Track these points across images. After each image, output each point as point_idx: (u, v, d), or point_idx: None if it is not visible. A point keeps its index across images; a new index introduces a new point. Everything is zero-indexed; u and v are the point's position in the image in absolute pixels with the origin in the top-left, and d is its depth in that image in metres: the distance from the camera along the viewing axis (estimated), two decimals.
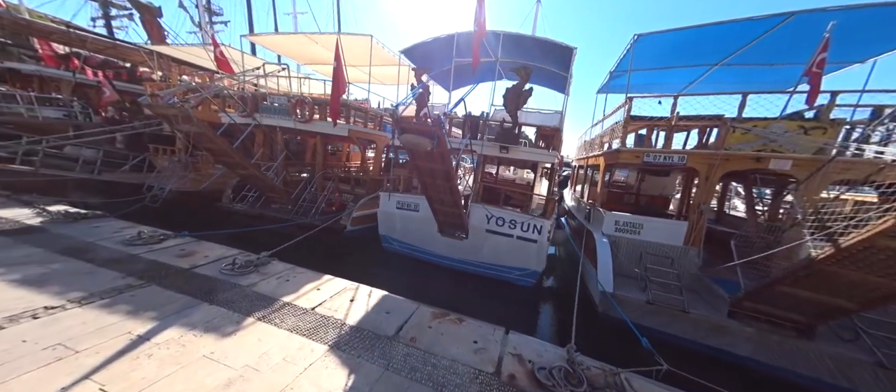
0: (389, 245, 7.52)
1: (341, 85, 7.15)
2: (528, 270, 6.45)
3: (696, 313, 4.15)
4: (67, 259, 3.38)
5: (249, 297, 3.02)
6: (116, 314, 2.55)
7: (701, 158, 5.01)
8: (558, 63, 6.96)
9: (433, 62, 7.51)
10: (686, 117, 5.19)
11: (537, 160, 6.26)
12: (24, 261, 3.21)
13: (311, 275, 3.67)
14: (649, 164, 5.73)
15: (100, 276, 3.12)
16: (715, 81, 7.82)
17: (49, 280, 2.92)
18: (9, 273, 2.94)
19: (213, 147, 6.49)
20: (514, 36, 6.21)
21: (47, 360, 1.98)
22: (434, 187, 5.61)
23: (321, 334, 2.53)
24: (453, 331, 2.74)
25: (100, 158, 8.88)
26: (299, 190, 8.12)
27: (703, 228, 5.15)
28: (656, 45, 6.13)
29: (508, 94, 5.73)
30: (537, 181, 12.40)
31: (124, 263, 3.46)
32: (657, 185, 9.67)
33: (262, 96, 8.61)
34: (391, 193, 7.16)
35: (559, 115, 6.51)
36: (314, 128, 8.16)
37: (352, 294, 3.31)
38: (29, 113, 11.49)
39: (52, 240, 3.82)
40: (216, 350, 2.24)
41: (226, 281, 3.30)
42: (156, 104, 5.79)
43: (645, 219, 5.97)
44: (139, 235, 4.18)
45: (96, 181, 8.06)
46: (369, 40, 7.96)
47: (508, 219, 6.18)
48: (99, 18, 21.39)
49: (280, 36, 9.41)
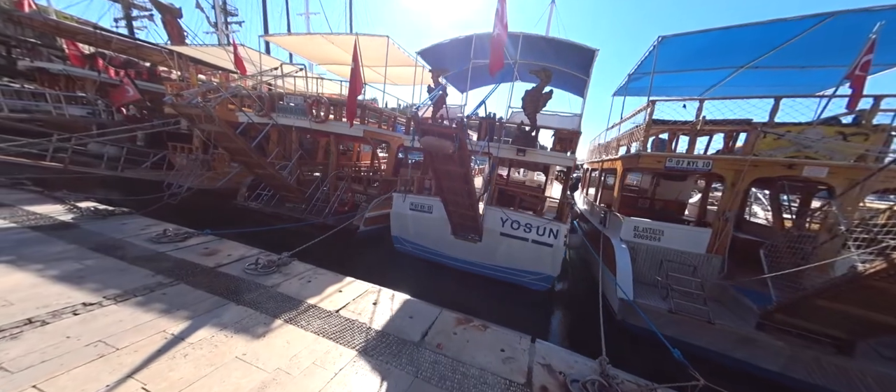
0: (401, 246, 7.54)
1: (358, 85, 7.20)
2: (542, 274, 6.38)
3: (722, 324, 4.02)
4: (100, 256, 3.48)
5: (275, 298, 3.05)
6: (151, 312, 2.61)
7: (728, 164, 4.85)
8: (577, 65, 6.85)
9: (449, 63, 7.49)
10: (712, 121, 5.02)
11: (555, 163, 6.17)
12: (61, 257, 3.32)
13: (332, 276, 3.69)
14: (671, 169, 5.58)
15: (132, 274, 3.20)
16: (739, 84, 7.58)
17: (85, 277, 3.02)
18: (47, 268, 3.05)
19: (233, 146, 6.61)
20: (534, 37, 6.14)
21: (90, 357, 2.04)
22: (451, 190, 5.60)
23: (348, 338, 2.54)
24: (479, 337, 2.71)
25: (123, 156, 9.18)
26: (313, 189, 8.22)
27: (728, 236, 5.00)
28: (680, 46, 5.98)
29: (528, 96, 5.67)
30: (548, 184, 12.28)
31: (153, 261, 3.55)
32: (672, 190, 9.44)
33: (278, 96, 8.75)
34: (404, 195, 7.18)
35: (578, 117, 6.40)
36: (329, 128, 8.24)
37: (374, 297, 3.31)
38: (57, 111, 11.97)
39: (84, 236, 3.95)
40: (248, 352, 2.27)
41: (250, 281, 3.35)
42: (180, 104, 5.93)
43: (666, 225, 5.82)
44: (165, 233, 4.29)
45: (119, 178, 8.32)
46: (386, 41, 7.99)
47: (524, 222, 6.12)
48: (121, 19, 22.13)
49: (297, 36, 9.54)
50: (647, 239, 5.87)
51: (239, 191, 8.54)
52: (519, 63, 6.25)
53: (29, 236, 3.71)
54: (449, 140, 4.20)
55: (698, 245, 5.32)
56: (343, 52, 9.88)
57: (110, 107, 13.19)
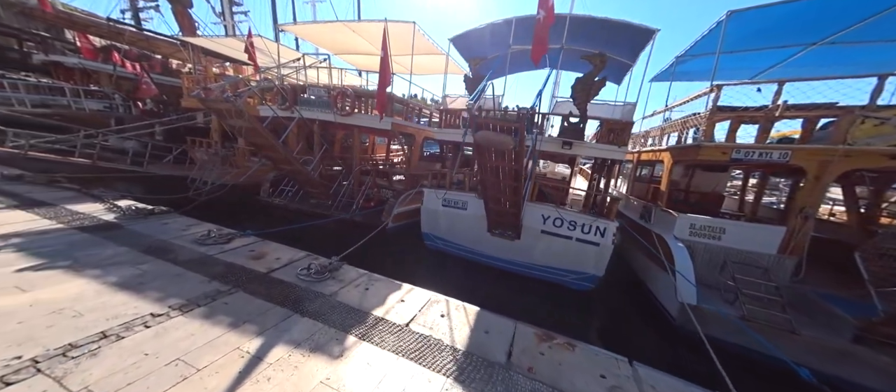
0: (432, 243, 7.39)
1: (388, 76, 6.91)
2: (585, 274, 6.14)
3: (810, 335, 3.72)
4: (153, 259, 3.41)
5: (338, 310, 2.92)
6: (219, 326, 2.50)
7: (812, 155, 4.41)
8: (627, 49, 6.36)
9: (485, 50, 7.09)
10: (797, 106, 4.55)
11: (605, 157, 5.81)
12: (116, 261, 3.26)
13: (389, 283, 3.54)
14: (739, 161, 5.17)
15: (188, 280, 3.11)
16: (807, 64, 6.93)
17: (144, 283, 2.94)
18: (106, 274, 2.98)
19: (260, 142, 6.48)
20: (582, 19, 5.70)
21: (174, 379, 1.93)
22: (495, 186, 5.35)
23: (429, 359, 2.38)
24: (570, 359, 2.51)
25: (148, 151, 9.22)
26: (337, 185, 8.09)
27: (807, 236, 4.61)
28: (747, 22, 5.45)
29: (578, 84, 5.28)
30: (573, 176, 11.86)
31: (204, 265, 3.46)
32: (709, 181, 8.90)
33: (300, 88, 8.55)
34: (437, 190, 6.98)
35: (631, 107, 5.98)
36: (355, 121, 8.02)
37: (441, 308, 3.15)
38: (76, 105, 12.11)
39: (131, 237, 3.89)
40: (331, 376, 2.13)
41: (307, 289, 3.23)
42: (209, 98, 5.79)
43: (728, 222, 5.47)
44: (209, 234, 4.21)
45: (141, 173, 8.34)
46: (412, 28, 7.60)
47: (568, 219, 5.86)
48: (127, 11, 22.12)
49: (318, 25, 9.22)
50: (705, 237, 5.54)
51: (262, 186, 8.48)
52: (564, 49, 5.83)
53: (79, 238, 3.67)
54: (509, 135, 3.94)
55: (768, 245, 4.96)
56: (365, 41, 9.53)
57: (127, 100, 13.27)
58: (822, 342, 3.61)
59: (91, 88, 12.82)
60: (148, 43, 15.32)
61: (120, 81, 13.70)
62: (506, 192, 5.45)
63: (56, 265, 2.99)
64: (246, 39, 9.33)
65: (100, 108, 12.39)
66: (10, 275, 2.75)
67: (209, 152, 10.08)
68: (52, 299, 2.52)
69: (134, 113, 12.86)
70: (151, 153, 9.20)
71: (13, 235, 3.44)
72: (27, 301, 2.46)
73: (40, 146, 7.50)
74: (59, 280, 2.79)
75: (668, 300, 5.16)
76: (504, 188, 5.38)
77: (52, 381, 1.79)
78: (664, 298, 5.39)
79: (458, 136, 7.56)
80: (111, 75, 13.66)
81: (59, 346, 2.04)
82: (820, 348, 3.62)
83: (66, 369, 1.88)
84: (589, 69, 5.53)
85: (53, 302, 2.49)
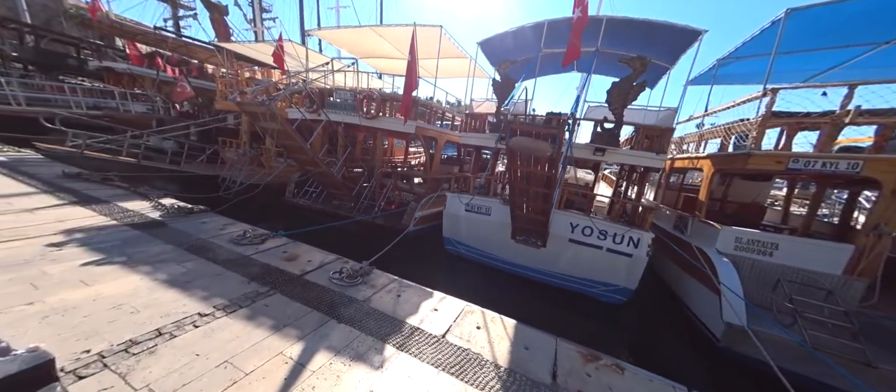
0: (454, 249, 7.34)
1: (414, 80, 6.97)
2: (616, 286, 5.87)
3: (890, 369, 3.31)
4: (195, 257, 3.57)
5: (373, 316, 2.91)
6: (261, 328, 2.56)
7: (889, 166, 3.97)
8: (667, 51, 6.05)
9: (512, 53, 7.00)
10: (872, 112, 4.12)
11: (642, 165, 5.54)
12: (163, 258, 3.44)
13: (420, 290, 3.51)
14: (797, 171, 4.75)
15: (228, 280, 3.23)
16: (871, 66, 6.31)
17: (190, 282, 3.07)
18: (156, 271, 3.14)
19: (290, 143, 6.70)
20: (619, 21, 5.48)
21: (224, 383, 1.98)
22: (525, 193, 5.23)
23: (471, 375, 2.30)
24: (620, 384, 2.36)
25: (185, 151, 9.81)
26: (359, 187, 8.23)
27: (881, 256, 4.15)
28: (806, 21, 5.03)
29: (616, 88, 5.07)
30: (596, 182, 11.42)
31: (242, 265, 3.58)
32: (750, 191, 8.26)
33: (327, 91, 8.81)
34: (460, 194, 6.93)
35: (671, 112, 5.67)
36: (380, 124, 8.15)
37: (476, 319, 3.07)
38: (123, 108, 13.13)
39: (175, 235, 4.11)
40: (374, 387, 2.11)
41: (341, 293, 3.25)
42: (245, 101, 6.07)
43: (781, 237, 5.03)
44: (244, 235, 4.37)
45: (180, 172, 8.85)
46: (438, 31, 7.64)
47: (599, 229, 5.63)
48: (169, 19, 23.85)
49: (345, 29, 9.49)
50: (753, 253, 5.13)
51: (287, 186, 8.75)
52: (599, 52, 5.62)
53: (131, 234, 3.92)
54: (548, 142, 3.83)
55: (832, 264, 4.51)
56: (389, 45, 9.70)
57: (167, 103, 14.23)
58: None
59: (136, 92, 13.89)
60: (187, 49, 16.38)
61: (162, 85, 14.78)
62: (536, 199, 5.32)
63: (113, 261, 3.19)
64: (276, 44, 9.74)
65: (143, 110, 13.41)
66: (75, 269, 2.96)
67: (238, 152, 10.59)
68: (112, 294, 2.68)
69: (173, 115, 13.79)
70: (187, 153, 9.78)
71: (76, 230, 3.72)
72: (91, 295, 2.62)
73: (95, 146, 8.16)
74: (116, 275, 2.97)
75: (710, 319, 4.81)
76: (534, 195, 5.25)
77: (117, 376, 1.88)
78: (705, 317, 5.03)
79: (484, 141, 7.50)
80: (154, 79, 14.76)
81: (121, 341, 2.15)
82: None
83: (129, 366, 1.97)
84: (625, 73, 5.30)
85: (113, 297, 2.65)
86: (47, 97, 11.83)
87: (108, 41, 19.10)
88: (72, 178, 5.90)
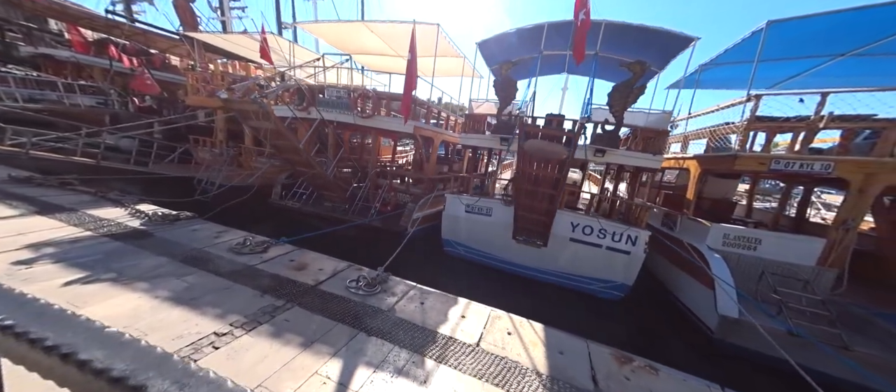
0: (452, 250, 7.38)
1: (414, 79, 6.87)
2: (614, 283, 6.20)
3: (864, 351, 3.77)
4: (195, 271, 3.29)
5: (402, 327, 2.85)
6: (289, 346, 2.41)
7: (858, 167, 4.51)
8: (659, 56, 6.45)
9: (511, 55, 7.12)
10: (843, 118, 4.65)
11: (640, 165, 5.86)
12: (158, 273, 3.13)
13: (442, 296, 3.48)
14: (776, 171, 5.27)
15: (239, 294, 3.01)
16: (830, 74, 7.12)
17: (196, 298, 2.82)
18: (154, 288, 2.86)
19: (284, 144, 6.37)
20: (618, 26, 5.76)
21: None
22: (532, 194, 5.36)
23: (515, 385, 2.31)
24: (658, 385, 2.48)
25: (154, 150, 8.98)
26: (353, 188, 8.01)
27: (848, 248, 4.71)
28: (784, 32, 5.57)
29: (616, 91, 5.33)
30: (584, 180, 11.95)
31: (250, 277, 3.35)
32: (721, 188, 9.03)
33: (318, 89, 8.44)
34: (460, 196, 6.97)
35: (667, 115, 6.05)
36: (377, 123, 7.96)
37: (505, 325, 3.10)
38: (69, 101, 11.70)
39: (165, 246, 3.75)
40: None
41: (362, 303, 3.15)
42: (233, 99, 5.67)
43: (763, 233, 5.56)
44: (245, 243, 4.09)
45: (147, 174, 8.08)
46: (435, 30, 7.59)
47: (598, 228, 5.91)
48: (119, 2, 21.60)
49: (333, 24, 9.14)
50: (740, 248, 5.62)
51: (273, 188, 8.31)
52: (599, 55, 5.88)
53: (112, 247, 3.52)
54: (564, 145, 3.94)
55: (806, 256, 5.06)
56: (379, 41, 9.49)
57: (124, 96, 12.92)
58: (880, 360, 3.66)
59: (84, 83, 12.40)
60: (144, 37, 14.93)
61: (115, 76, 13.34)
62: (542, 200, 5.46)
63: (101, 278, 2.85)
64: (260, 37, 9.18)
65: (93, 103, 12.03)
66: (57, 290, 2.61)
67: (214, 152, 9.87)
68: (109, 317, 2.40)
69: (130, 110, 12.52)
70: (158, 152, 8.95)
71: (44, 244, 3.28)
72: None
73: (42, 145, 7.24)
74: (108, 294, 2.66)
75: (704, 311, 5.20)
76: (541, 196, 5.39)
77: None
78: (698, 309, 5.43)
79: (484, 142, 7.57)
80: (107, 70, 13.30)
81: None
82: (873, 365, 3.66)
83: None
84: (625, 76, 5.59)
85: (111, 320, 2.37)
86: None
87: (39, 24, 16.74)
88: (22, 183, 5.20)
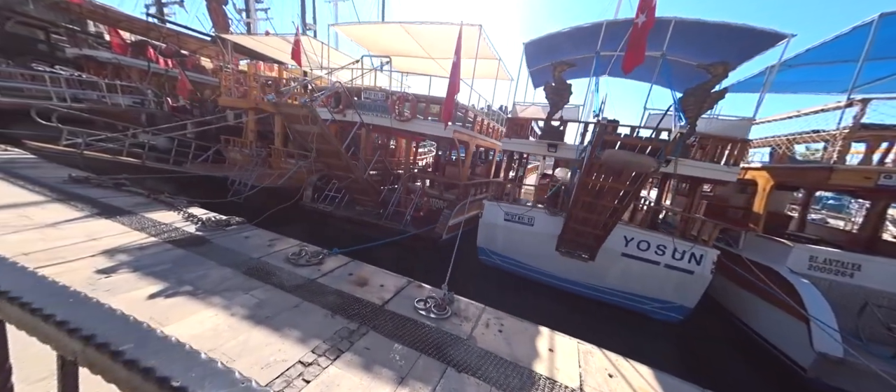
0: (488, 259, 7.17)
1: (457, 82, 6.73)
2: (672, 304, 5.79)
3: None
4: (261, 284, 3.22)
5: (491, 362, 2.61)
6: (380, 380, 2.25)
7: None
8: (733, 56, 5.99)
9: (562, 56, 6.83)
10: None
11: (713, 177, 5.44)
12: (227, 286, 3.07)
13: (519, 323, 3.25)
14: (887, 188, 4.72)
15: (310, 314, 2.89)
16: None
17: (271, 317, 2.73)
18: (229, 304, 2.78)
19: (328, 148, 6.36)
20: (691, 23, 5.37)
21: None
22: (592, 206, 5.05)
23: None
24: None
25: (192, 150, 9.26)
26: (386, 192, 7.94)
27: None
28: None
29: (691, 95, 4.93)
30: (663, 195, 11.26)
31: (314, 293, 3.25)
32: (778, 201, 8.20)
33: (355, 91, 8.46)
34: (499, 203, 6.76)
35: (747, 122, 5.59)
36: (416, 127, 7.86)
37: (602, 364, 2.82)
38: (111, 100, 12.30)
39: (224, 255, 3.72)
40: None
41: (438, 329, 2.96)
42: (281, 103, 5.70)
43: (863, 256, 4.99)
44: (300, 253, 4.03)
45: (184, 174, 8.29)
46: (477, 30, 7.42)
47: (657, 243, 5.54)
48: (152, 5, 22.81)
49: (370, 25, 9.17)
50: (830, 273, 5.08)
51: (303, 191, 8.35)
52: (668, 58, 5.49)
53: (177, 255, 3.52)
54: (652, 157, 3.65)
55: None
56: (415, 44, 9.43)
57: (160, 97, 13.50)
58: None
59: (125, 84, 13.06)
60: (177, 39, 15.61)
61: (152, 77, 14.00)
62: (602, 213, 5.15)
63: (179, 291, 2.81)
64: (292, 39, 9.33)
65: (130, 103, 12.63)
66: (143, 303, 2.57)
67: (244, 153, 10.08)
68: (195, 337, 2.32)
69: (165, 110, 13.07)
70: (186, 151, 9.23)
71: (117, 251, 3.30)
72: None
73: (94, 145, 7.57)
74: (189, 310, 2.60)
75: (791, 346, 4.73)
76: (602, 208, 5.08)
77: None
78: (781, 342, 4.95)
79: (530, 148, 7.32)
80: (145, 71, 13.97)
81: None
82: None
83: None
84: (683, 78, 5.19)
85: (197, 341, 2.29)
86: (19, 86, 10.78)
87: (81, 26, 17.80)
88: (81, 184, 5.39)
